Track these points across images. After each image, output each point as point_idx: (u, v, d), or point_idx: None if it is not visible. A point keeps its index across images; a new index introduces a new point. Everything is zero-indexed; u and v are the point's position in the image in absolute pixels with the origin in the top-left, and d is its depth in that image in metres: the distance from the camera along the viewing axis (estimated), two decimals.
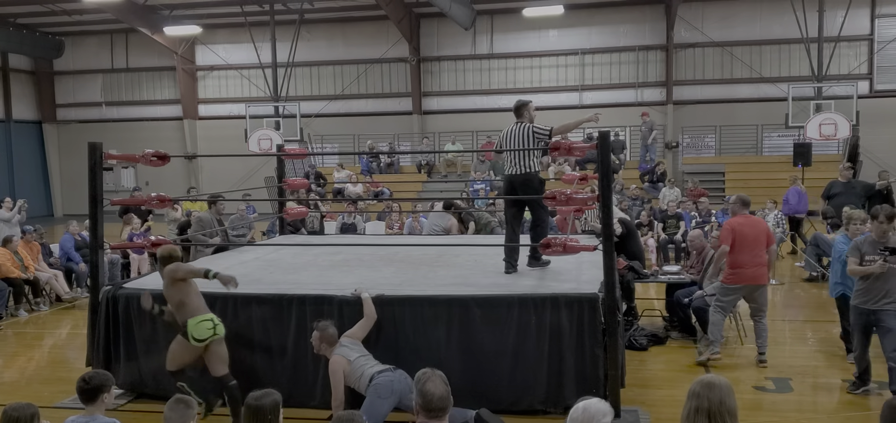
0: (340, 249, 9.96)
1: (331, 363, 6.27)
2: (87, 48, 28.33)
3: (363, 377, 6.12)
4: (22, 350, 9.81)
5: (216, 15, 25.15)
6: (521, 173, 7.55)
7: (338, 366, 6.21)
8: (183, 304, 6.33)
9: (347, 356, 6.24)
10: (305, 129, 24.78)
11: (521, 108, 7.73)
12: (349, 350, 6.30)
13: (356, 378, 6.16)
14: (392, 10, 23.34)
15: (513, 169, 7.61)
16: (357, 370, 6.16)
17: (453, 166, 23.29)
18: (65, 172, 28.72)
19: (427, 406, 3.81)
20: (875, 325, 6.74)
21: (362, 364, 6.21)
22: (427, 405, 3.81)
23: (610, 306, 6.39)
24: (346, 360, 6.22)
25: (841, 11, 21.03)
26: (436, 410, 3.81)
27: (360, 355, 6.30)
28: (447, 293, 6.85)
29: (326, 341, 6.36)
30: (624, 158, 22.26)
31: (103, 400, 4.61)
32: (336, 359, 6.24)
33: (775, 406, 6.89)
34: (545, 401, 6.48)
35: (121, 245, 10.36)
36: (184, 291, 6.35)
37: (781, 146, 23.19)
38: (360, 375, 6.14)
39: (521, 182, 7.55)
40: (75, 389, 4.60)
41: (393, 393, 5.99)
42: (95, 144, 7.44)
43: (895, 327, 6.58)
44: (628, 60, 24.67)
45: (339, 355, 6.27)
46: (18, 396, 7.28)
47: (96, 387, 4.54)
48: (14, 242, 11.79)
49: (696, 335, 9.11)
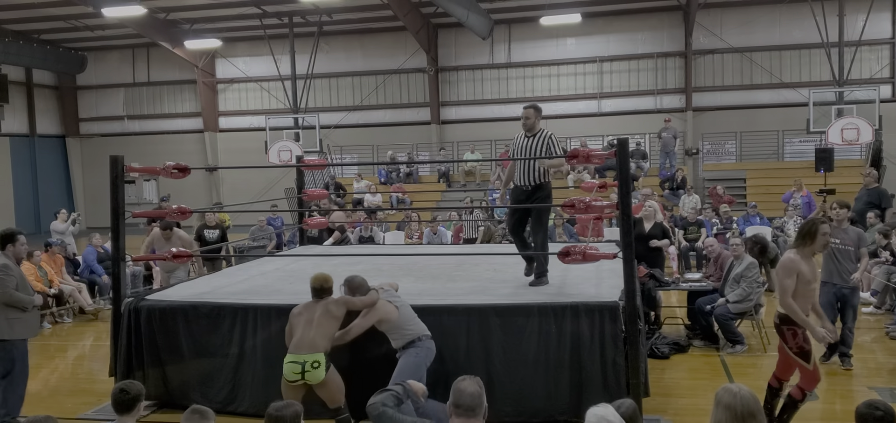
0: (360, 259, 9.97)
1: (378, 306, 6.26)
2: (109, 63, 28.65)
3: (418, 324, 6.27)
4: (45, 362, 9.90)
5: (236, 28, 25.36)
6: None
7: (386, 312, 6.25)
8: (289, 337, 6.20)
9: (395, 303, 6.33)
10: (325, 140, 24.89)
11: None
12: (396, 299, 6.41)
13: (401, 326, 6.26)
14: (410, 21, 23.41)
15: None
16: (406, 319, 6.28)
17: (472, 175, 23.28)
18: (88, 185, 29.02)
19: (456, 403, 3.79)
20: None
21: (413, 315, 6.34)
22: (457, 402, 3.79)
23: (631, 314, 6.35)
24: (394, 307, 6.28)
25: (862, 15, 20.82)
26: (465, 407, 3.76)
27: (408, 304, 6.41)
28: (466, 303, 6.84)
29: (356, 290, 6.37)
30: (646, 167, 22.14)
31: (138, 410, 4.64)
32: (385, 305, 6.28)
33: (800, 414, 6.78)
34: (566, 411, 6.44)
35: (143, 257, 10.46)
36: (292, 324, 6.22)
37: (803, 152, 22.94)
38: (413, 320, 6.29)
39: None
40: (111, 398, 4.59)
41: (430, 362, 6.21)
42: (117, 157, 7.51)
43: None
44: (647, 68, 24.55)
45: (389, 301, 6.34)
46: (42, 408, 7.36)
47: (134, 397, 4.57)
48: (36, 256, 11.93)
49: (718, 343, 9.04)
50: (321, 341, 5.99)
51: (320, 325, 6.04)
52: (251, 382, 6.95)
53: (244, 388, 6.97)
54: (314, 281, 6.29)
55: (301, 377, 5.89)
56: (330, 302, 6.22)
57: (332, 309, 6.16)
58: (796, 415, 6.59)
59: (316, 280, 6.29)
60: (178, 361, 7.16)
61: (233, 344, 7.00)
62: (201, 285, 8.62)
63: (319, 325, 6.04)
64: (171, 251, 8.98)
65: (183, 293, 7.85)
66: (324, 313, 6.11)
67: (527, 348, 6.48)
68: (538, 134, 7.36)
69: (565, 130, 24.24)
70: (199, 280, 9.52)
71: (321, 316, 6.09)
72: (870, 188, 14.12)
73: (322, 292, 6.24)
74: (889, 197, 14.63)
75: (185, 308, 7.25)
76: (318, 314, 6.10)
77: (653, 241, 9.75)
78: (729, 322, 8.83)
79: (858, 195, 13.88)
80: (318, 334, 6.00)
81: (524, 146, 7.41)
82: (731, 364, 8.38)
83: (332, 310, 6.16)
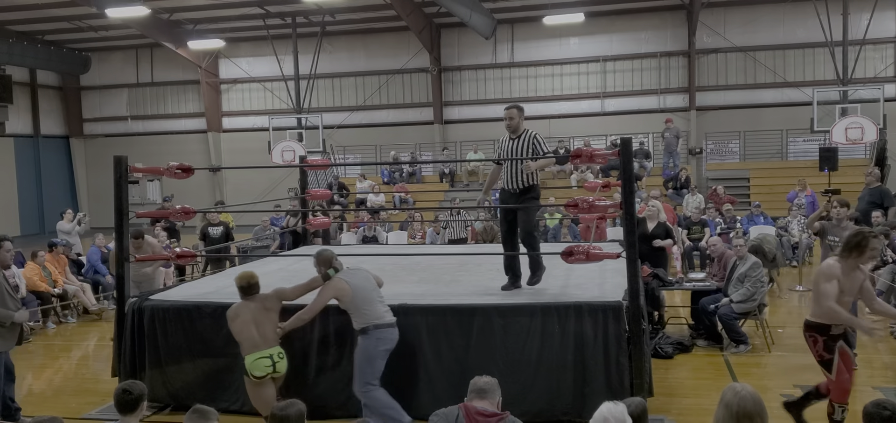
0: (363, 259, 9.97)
1: (330, 284, 6.30)
2: (112, 63, 28.68)
3: (373, 311, 6.21)
4: (49, 362, 9.93)
5: (239, 28, 25.38)
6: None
7: (339, 290, 6.24)
8: (241, 337, 6.29)
9: (352, 282, 6.28)
10: (328, 140, 24.90)
11: None
12: (354, 275, 6.36)
13: (357, 306, 6.22)
14: (413, 21, 23.40)
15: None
16: (363, 301, 6.23)
17: (475, 175, 23.26)
18: (91, 185, 29.06)
19: (472, 389, 4.34)
20: None
21: (372, 297, 6.27)
22: (472, 388, 4.34)
23: (634, 313, 6.34)
24: (347, 285, 6.24)
25: (866, 14, 20.77)
26: (479, 390, 4.33)
27: (368, 286, 6.35)
28: (469, 303, 6.84)
29: (322, 263, 6.44)
30: (649, 166, 22.12)
31: (141, 410, 4.65)
32: (337, 283, 6.27)
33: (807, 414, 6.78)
34: (570, 411, 6.43)
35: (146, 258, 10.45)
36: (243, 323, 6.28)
37: (807, 151, 22.90)
38: (368, 305, 6.23)
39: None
40: (114, 399, 4.59)
41: (387, 353, 6.21)
42: (121, 158, 7.53)
43: None
44: (650, 67, 24.51)
45: (342, 278, 6.31)
46: (47, 407, 7.39)
47: (138, 397, 4.58)
48: (40, 256, 11.96)
49: (722, 343, 9.03)
50: (273, 335, 6.24)
51: (264, 322, 6.24)
52: None
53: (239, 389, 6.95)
54: (240, 280, 6.41)
55: (273, 368, 6.15)
56: (263, 298, 6.37)
57: (268, 304, 6.35)
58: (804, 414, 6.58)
59: (242, 279, 6.41)
60: (182, 361, 7.16)
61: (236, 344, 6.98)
62: (205, 285, 8.63)
63: (263, 322, 6.23)
64: (175, 252, 8.99)
65: (186, 294, 7.86)
66: (261, 310, 6.29)
67: (530, 349, 6.48)
68: (523, 135, 7.16)
69: (568, 129, 24.30)
70: (203, 280, 9.54)
71: (260, 313, 6.27)
72: (872, 188, 14.08)
73: (250, 290, 6.36)
74: (892, 196, 14.58)
75: (188, 309, 7.26)
76: (257, 313, 6.26)
77: (656, 241, 9.74)
78: (733, 322, 8.82)
79: (861, 195, 13.83)
80: (267, 329, 6.25)
81: (509, 149, 7.21)
82: (735, 364, 8.37)
83: (268, 305, 6.35)
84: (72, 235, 14.77)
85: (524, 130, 7.21)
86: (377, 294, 6.41)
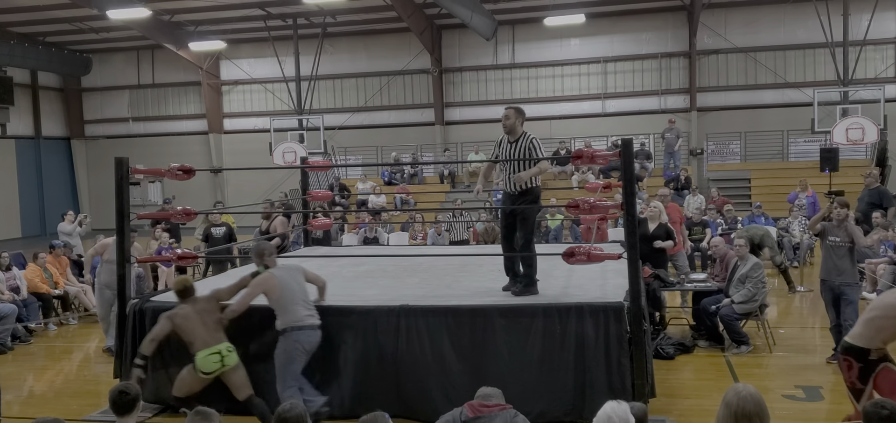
0: (364, 260, 9.99)
1: (258, 279, 6.59)
2: (114, 65, 28.70)
3: (293, 313, 6.41)
4: (51, 364, 9.93)
5: (240, 30, 25.39)
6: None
7: (267, 285, 6.50)
8: (193, 337, 6.52)
9: (281, 280, 6.50)
10: (329, 141, 24.91)
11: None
12: (284, 273, 6.59)
13: (282, 305, 6.44)
14: (414, 22, 23.41)
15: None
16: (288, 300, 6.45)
17: (476, 176, 23.27)
18: (93, 187, 29.07)
19: (477, 395, 4.51)
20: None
21: (296, 298, 6.47)
22: (477, 394, 4.53)
23: (635, 314, 6.34)
24: (276, 283, 6.47)
25: (866, 14, 20.76)
26: (484, 396, 4.56)
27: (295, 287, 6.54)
28: (471, 304, 6.84)
29: (261, 255, 6.81)
30: (650, 167, 22.12)
31: (137, 411, 4.65)
32: (266, 279, 6.54)
33: (806, 415, 6.80)
34: (571, 412, 6.43)
35: (148, 259, 10.47)
36: (193, 322, 6.54)
37: (808, 152, 22.91)
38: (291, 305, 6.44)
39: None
40: (109, 400, 4.61)
41: (307, 354, 6.42)
42: (122, 159, 7.53)
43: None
44: (651, 68, 24.51)
45: (273, 274, 6.56)
46: (48, 409, 7.39)
47: (133, 399, 4.59)
48: (41, 258, 11.96)
49: (723, 344, 9.03)
50: (219, 332, 6.55)
51: (207, 321, 6.51)
52: (255, 382, 6.94)
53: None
54: (177, 285, 6.82)
55: (220, 364, 6.43)
56: (202, 300, 6.67)
57: (204, 305, 6.63)
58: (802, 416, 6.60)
59: (178, 284, 6.85)
60: (184, 362, 7.15)
61: (237, 345, 6.99)
62: (207, 286, 8.62)
63: (206, 321, 6.50)
64: (176, 253, 9.00)
65: None
66: (201, 311, 6.57)
67: (531, 349, 6.47)
68: (520, 139, 7.11)
69: (569, 130, 24.30)
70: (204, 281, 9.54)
71: (201, 313, 6.55)
72: (871, 189, 14.15)
73: (186, 294, 6.68)
74: (891, 196, 14.63)
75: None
76: (197, 313, 6.55)
77: (657, 242, 9.74)
78: (734, 323, 8.82)
79: (860, 196, 13.88)
80: (212, 326, 6.53)
81: (507, 152, 7.19)
82: (737, 365, 8.37)
83: (205, 306, 6.62)
84: (73, 236, 14.77)
85: (523, 133, 7.15)
86: (302, 296, 6.61)
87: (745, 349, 8.77)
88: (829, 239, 8.16)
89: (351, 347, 6.76)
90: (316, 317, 6.54)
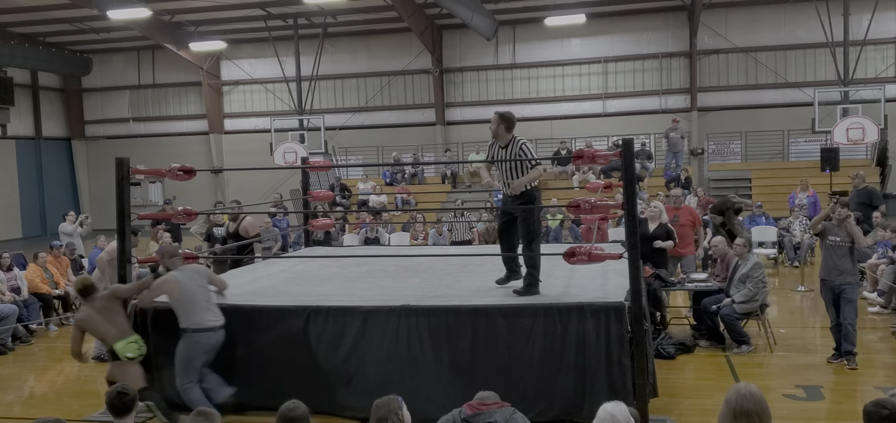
0: (365, 260, 9.99)
1: (159, 281, 6.85)
2: (114, 65, 28.71)
3: (194, 315, 6.62)
4: (52, 364, 9.94)
5: (241, 30, 25.40)
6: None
7: (167, 288, 6.73)
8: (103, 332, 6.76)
9: (183, 283, 6.68)
10: (330, 141, 24.92)
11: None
12: (185, 276, 6.76)
13: (182, 307, 6.65)
14: (414, 23, 23.42)
15: None
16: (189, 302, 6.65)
17: (477, 176, 23.28)
18: (93, 187, 29.08)
19: (476, 398, 4.56)
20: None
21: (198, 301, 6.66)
22: (476, 398, 4.56)
23: (636, 314, 6.34)
24: (176, 285, 6.68)
25: (867, 14, 20.76)
26: (484, 396, 4.59)
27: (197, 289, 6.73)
28: (472, 303, 6.84)
29: (164, 255, 7.16)
30: (651, 167, 22.12)
31: (135, 412, 4.65)
32: (166, 281, 6.77)
33: (806, 414, 6.80)
34: (571, 411, 6.43)
35: (149, 259, 10.46)
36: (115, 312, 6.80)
37: (808, 152, 22.92)
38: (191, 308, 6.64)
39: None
40: (107, 401, 4.60)
41: (207, 353, 6.65)
42: (122, 160, 7.54)
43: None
44: (652, 68, 24.52)
45: (174, 276, 6.76)
46: (48, 410, 7.40)
47: (132, 400, 4.59)
48: (41, 258, 11.97)
49: (724, 343, 9.03)
50: (126, 326, 6.82)
51: (113, 317, 6.76)
52: (256, 382, 6.95)
53: (250, 388, 6.97)
54: (77, 285, 7.11)
55: (139, 349, 6.70)
56: (100, 299, 6.84)
57: (107, 304, 6.82)
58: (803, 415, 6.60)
59: (78, 284, 7.12)
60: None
61: (238, 345, 7.00)
62: None
63: (112, 317, 6.76)
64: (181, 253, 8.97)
65: None
66: (105, 309, 6.76)
67: (532, 349, 6.47)
68: (510, 144, 7.03)
69: (570, 130, 24.29)
70: None
71: (101, 311, 6.75)
72: (859, 189, 14.27)
73: (87, 292, 6.90)
74: (880, 195, 14.73)
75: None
76: (98, 311, 6.75)
77: (657, 242, 9.74)
78: (735, 322, 8.82)
79: (850, 197, 13.96)
80: (120, 320, 6.79)
81: (499, 156, 7.16)
82: (737, 364, 8.37)
83: (108, 305, 6.81)
84: (74, 236, 14.79)
85: (512, 138, 7.05)
86: (204, 299, 6.78)
87: (745, 349, 8.77)
88: (829, 239, 8.18)
89: (351, 346, 6.76)
90: (219, 318, 6.76)
